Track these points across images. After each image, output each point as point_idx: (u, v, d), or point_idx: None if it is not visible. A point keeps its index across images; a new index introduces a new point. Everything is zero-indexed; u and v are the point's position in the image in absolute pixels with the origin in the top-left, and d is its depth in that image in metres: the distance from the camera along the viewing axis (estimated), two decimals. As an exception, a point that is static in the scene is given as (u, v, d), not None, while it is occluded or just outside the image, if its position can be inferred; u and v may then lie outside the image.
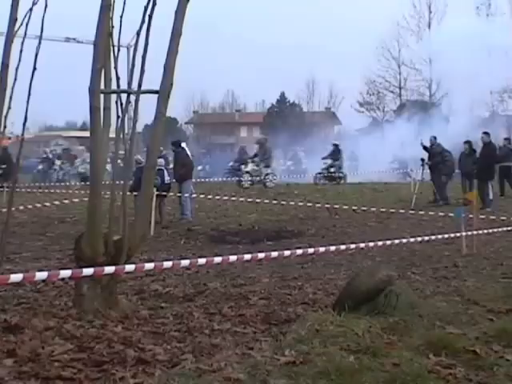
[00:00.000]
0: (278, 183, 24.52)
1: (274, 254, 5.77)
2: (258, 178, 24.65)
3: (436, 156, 16.45)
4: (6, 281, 3.81)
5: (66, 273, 4.34)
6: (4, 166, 18.81)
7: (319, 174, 26.82)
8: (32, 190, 18.03)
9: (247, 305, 5.65)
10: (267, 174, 25.08)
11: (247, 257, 5.43)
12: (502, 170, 16.97)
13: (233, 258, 5.35)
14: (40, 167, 27.21)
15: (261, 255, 5.70)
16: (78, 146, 40.69)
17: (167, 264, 4.98)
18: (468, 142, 16.46)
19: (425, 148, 16.79)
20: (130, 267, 4.83)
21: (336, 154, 27.42)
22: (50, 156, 28.30)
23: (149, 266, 4.99)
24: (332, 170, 26.86)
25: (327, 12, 73.76)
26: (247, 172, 24.78)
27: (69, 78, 57.51)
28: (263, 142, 27.91)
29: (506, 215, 11.44)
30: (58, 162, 27.55)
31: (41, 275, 4.18)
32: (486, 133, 16.02)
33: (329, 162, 27.13)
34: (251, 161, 25.49)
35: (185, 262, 5.25)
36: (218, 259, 5.35)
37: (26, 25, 5.53)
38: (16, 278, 3.81)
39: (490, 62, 33.07)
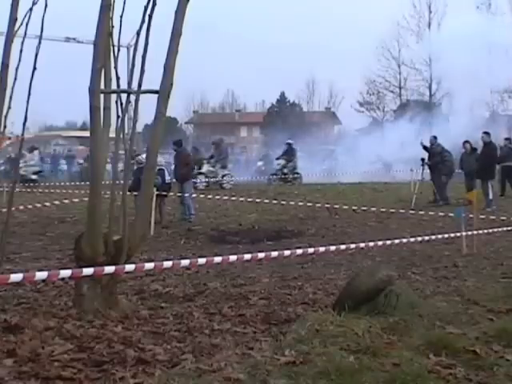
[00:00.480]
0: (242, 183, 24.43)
1: (274, 253, 5.77)
2: (214, 180, 24.31)
3: (436, 156, 16.48)
4: (6, 280, 3.79)
5: (65, 273, 4.33)
6: None
7: (273, 175, 26.47)
8: (32, 190, 18.02)
9: (247, 305, 5.65)
10: (224, 175, 24.84)
11: (247, 257, 5.43)
12: (504, 170, 16.96)
13: (233, 257, 5.34)
14: (2, 168, 26.79)
15: (261, 255, 5.70)
16: (78, 145, 40.73)
17: (167, 264, 4.98)
18: (468, 142, 16.51)
19: (425, 148, 16.82)
20: (129, 267, 4.82)
21: (289, 153, 26.92)
22: (13, 156, 27.86)
23: (149, 265, 4.99)
24: (285, 170, 26.40)
25: (327, 12, 73.77)
26: (201, 173, 24.14)
27: (69, 78, 57.52)
28: (219, 142, 27.23)
29: (506, 215, 11.44)
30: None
31: (41, 275, 4.17)
32: (486, 132, 16.05)
33: (282, 162, 26.66)
34: (207, 162, 25.01)
35: (185, 262, 5.24)
36: (217, 259, 5.35)
37: (26, 25, 5.53)
38: (16, 277, 3.80)
39: (490, 61, 33.11)
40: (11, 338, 4.37)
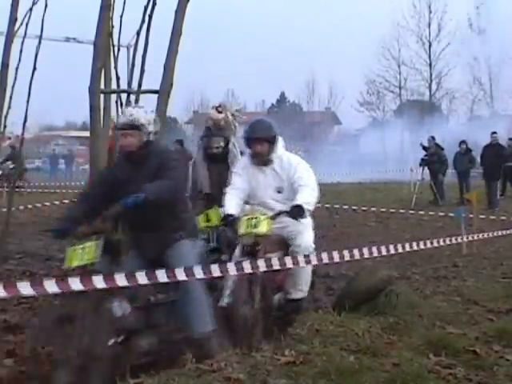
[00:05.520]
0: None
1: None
2: None
3: (432, 155, 16.56)
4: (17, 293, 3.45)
5: (76, 284, 3.51)
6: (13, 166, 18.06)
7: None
8: (32, 190, 18.00)
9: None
10: None
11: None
12: (507, 169, 16.99)
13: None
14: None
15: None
16: (78, 145, 40.76)
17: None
18: (464, 142, 16.65)
19: (424, 148, 16.90)
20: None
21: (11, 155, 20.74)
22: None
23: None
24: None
25: (327, 11, 73.77)
26: None
27: (69, 78, 57.52)
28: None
29: (506, 215, 11.44)
30: None
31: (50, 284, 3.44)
32: (495, 132, 16.20)
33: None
34: None
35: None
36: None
37: (26, 25, 5.55)
38: (25, 288, 3.39)
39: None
40: (11, 338, 4.37)
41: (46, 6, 5.47)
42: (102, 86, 5.31)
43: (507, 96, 43.51)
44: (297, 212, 4.58)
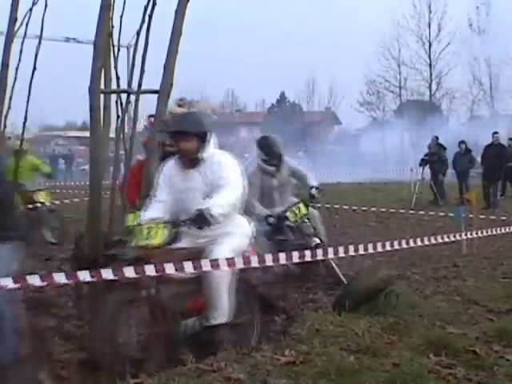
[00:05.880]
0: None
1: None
2: None
3: (433, 155, 16.57)
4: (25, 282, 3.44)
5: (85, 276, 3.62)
6: None
7: None
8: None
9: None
10: None
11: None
12: (507, 170, 16.99)
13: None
14: None
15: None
16: (78, 145, 40.74)
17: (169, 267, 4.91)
18: (463, 142, 16.67)
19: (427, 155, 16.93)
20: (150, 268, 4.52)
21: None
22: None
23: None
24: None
25: (327, 11, 73.79)
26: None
27: (69, 78, 57.50)
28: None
29: (506, 215, 11.45)
30: None
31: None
32: (497, 132, 16.22)
33: None
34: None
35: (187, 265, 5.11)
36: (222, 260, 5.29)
37: (26, 25, 5.55)
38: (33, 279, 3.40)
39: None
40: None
41: (46, 5, 5.47)
42: (102, 86, 5.31)
43: (507, 96, 43.57)
44: (201, 219, 3.90)
